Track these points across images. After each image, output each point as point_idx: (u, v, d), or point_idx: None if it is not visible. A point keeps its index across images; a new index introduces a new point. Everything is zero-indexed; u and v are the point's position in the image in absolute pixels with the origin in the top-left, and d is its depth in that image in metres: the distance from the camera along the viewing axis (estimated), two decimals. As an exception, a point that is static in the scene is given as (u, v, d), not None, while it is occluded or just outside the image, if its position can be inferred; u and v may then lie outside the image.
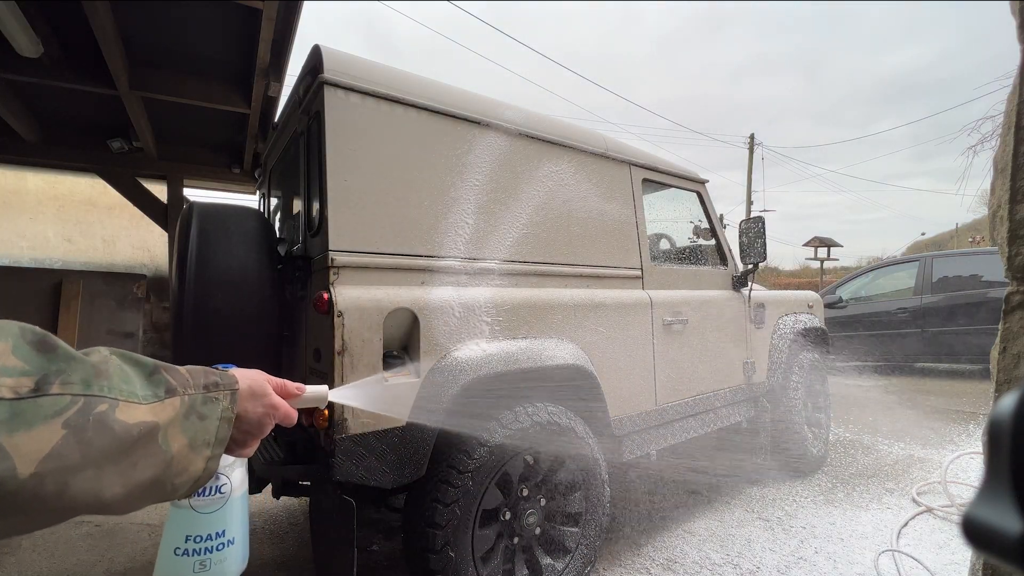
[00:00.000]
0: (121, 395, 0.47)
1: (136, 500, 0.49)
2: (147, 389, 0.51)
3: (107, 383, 0.46)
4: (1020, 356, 0.95)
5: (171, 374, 0.54)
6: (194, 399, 0.55)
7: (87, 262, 4.62)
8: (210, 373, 0.60)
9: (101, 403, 0.45)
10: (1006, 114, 0.97)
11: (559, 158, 2.14)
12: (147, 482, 0.48)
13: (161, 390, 0.52)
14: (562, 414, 1.87)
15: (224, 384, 0.60)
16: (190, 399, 0.54)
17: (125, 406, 0.47)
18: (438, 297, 1.67)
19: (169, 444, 0.51)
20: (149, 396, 0.50)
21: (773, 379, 3.09)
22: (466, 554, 1.62)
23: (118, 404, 0.46)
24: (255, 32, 2.56)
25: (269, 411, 0.67)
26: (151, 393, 0.51)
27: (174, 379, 0.54)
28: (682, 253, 2.82)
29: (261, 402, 0.66)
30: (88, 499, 0.44)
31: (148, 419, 0.48)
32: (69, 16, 2.53)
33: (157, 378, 0.52)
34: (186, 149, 4.52)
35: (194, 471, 0.54)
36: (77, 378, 0.44)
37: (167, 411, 0.51)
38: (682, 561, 2.27)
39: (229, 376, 0.61)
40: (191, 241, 1.67)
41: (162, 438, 0.50)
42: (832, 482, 3.21)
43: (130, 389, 0.48)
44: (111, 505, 0.46)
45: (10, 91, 3.21)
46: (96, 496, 0.44)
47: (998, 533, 0.24)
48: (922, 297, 6.77)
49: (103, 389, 0.45)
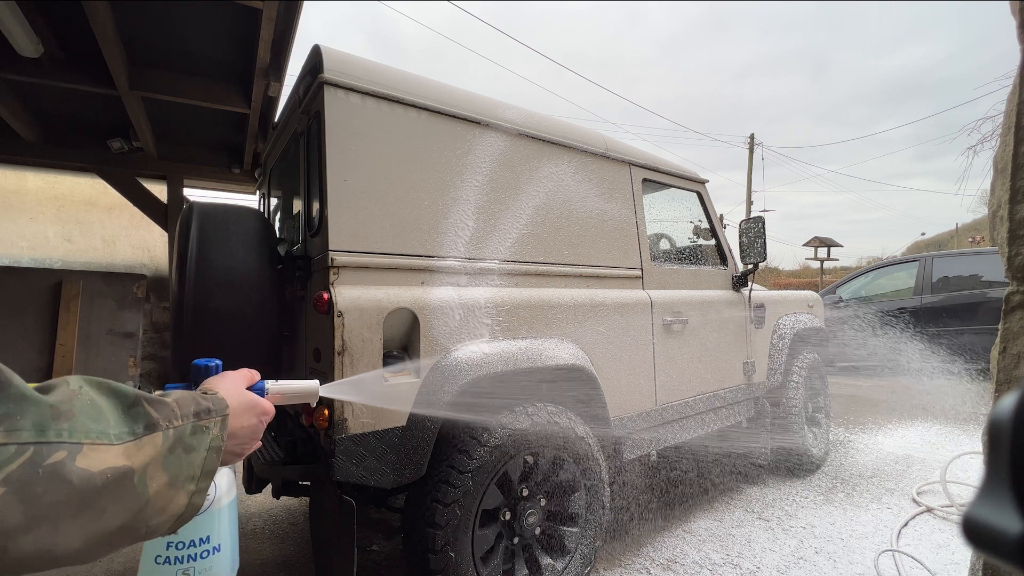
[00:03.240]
0: (86, 437, 0.42)
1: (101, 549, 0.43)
2: (122, 426, 0.45)
3: (68, 425, 0.41)
4: (1020, 356, 0.95)
5: (154, 407, 0.49)
6: (180, 431, 0.51)
7: (87, 262, 4.62)
8: (200, 399, 0.56)
9: (57, 451, 0.39)
10: (1006, 114, 0.97)
11: (559, 158, 2.14)
12: (114, 530, 0.43)
13: (140, 426, 0.47)
14: (562, 414, 1.87)
15: (216, 410, 0.56)
16: (175, 432, 0.50)
17: (91, 449, 0.41)
18: (438, 297, 1.67)
19: (146, 486, 0.46)
20: (124, 434, 0.45)
21: (773, 379, 3.09)
22: (466, 554, 1.62)
23: (80, 448, 0.41)
24: (255, 32, 2.56)
25: (260, 419, 0.65)
26: (126, 431, 0.45)
27: (157, 412, 0.49)
28: (682, 253, 2.82)
29: (252, 412, 0.63)
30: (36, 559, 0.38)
31: (119, 463, 0.43)
32: (69, 16, 2.53)
33: (136, 411, 0.48)
34: (186, 149, 4.52)
35: (174, 509, 0.49)
36: (28, 423, 0.38)
37: (144, 451, 0.46)
38: (682, 561, 2.27)
39: (219, 400, 0.58)
40: (191, 241, 1.67)
41: (138, 480, 0.45)
42: (832, 482, 3.21)
43: (99, 428, 0.43)
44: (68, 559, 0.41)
45: (10, 91, 3.21)
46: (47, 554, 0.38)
47: (998, 533, 0.24)
48: (922, 297, 6.77)
49: (61, 434, 0.40)
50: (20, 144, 3.87)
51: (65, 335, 4.02)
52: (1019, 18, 0.94)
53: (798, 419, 3.14)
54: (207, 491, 0.53)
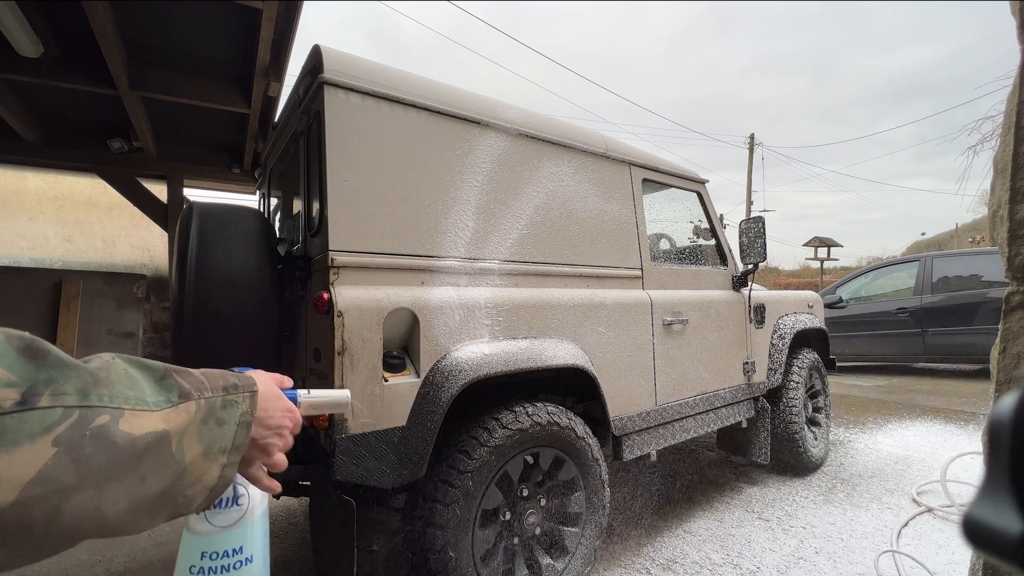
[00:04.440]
0: (126, 403, 0.43)
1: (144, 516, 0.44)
2: (158, 394, 0.47)
3: (107, 391, 0.42)
4: (1020, 356, 0.95)
5: (184, 377, 0.51)
6: (212, 402, 0.51)
7: (87, 262, 4.62)
8: (227, 375, 0.56)
9: (101, 414, 0.40)
10: (1006, 114, 0.97)
11: (559, 158, 2.14)
12: (155, 496, 0.44)
13: (174, 394, 0.48)
14: (562, 414, 1.87)
15: (243, 386, 0.56)
16: (207, 403, 0.51)
17: (131, 415, 0.43)
18: (438, 297, 1.67)
19: (183, 453, 0.47)
20: (161, 402, 0.46)
21: (773, 379, 3.09)
22: (466, 554, 1.62)
23: (122, 413, 0.42)
24: (255, 32, 2.56)
25: (287, 414, 0.63)
26: (163, 399, 0.47)
27: (187, 383, 0.50)
28: (682, 253, 2.82)
29: (279, 404, 0.62)
30: (88, 524, 0.39)
31: (159, 427, 0.45)
32: (69, 16, 2.53)
33: (168, 382, 0.49)
34: (186, 149, 4.52)
35: (208, 480, 0.50)
36: (72, 387, 0.39)
37: (181, 417, 0.47)
38: (682, 561, 2.27)
39: (247, 378, 0.58)
40: (191, 241, 1.67)
41: (176, 447, 0.46)
42: (832, 482, 3.21)
43: (137, 396, 0.44)
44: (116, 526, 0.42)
45: (10, 91, 3.21)
46: (98, 519, 0.40)
47: (998, 533, 0.24)
48: (922, 297, 6.77)
49: (103, 398, 0.41)
50: (20, 144, 3.87)
51: (65, 335, 4.02)
52: (1019, 18, 0.94)
53: (798, 419, 3.14)
54: (237, 465, 0.54)
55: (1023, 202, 0.93)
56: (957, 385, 6.38)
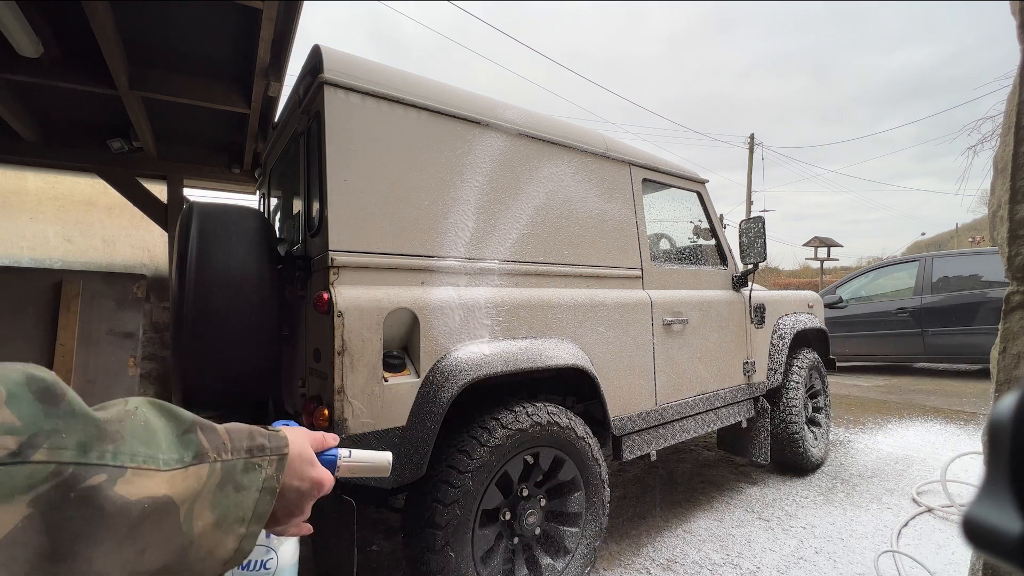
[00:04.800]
0: (131, 461, 0.38)
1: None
2: (173, 451, 0.42)
3: (112, 447, 0.38)
4: (1020, 356, 0.95)
5: (206, 434, 0.46)
6: (231, 466, 0.46)
7: (87, 262, 4.62)
8: (256, 434, 0.51)
9: (97, 473, 0.36)
10: (1006, 114, 0.97)
11: (559, 158, 2.14)
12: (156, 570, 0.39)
13: (189, 453, 0.43)
14: (562, 414, 1.87)
15: (272, 448, 0.51)
16: (224, 466, 0.45)
17: (134, 475, 0.38)
18: (438, 297, 1.67)
19: (192, 523, 0.42)
20: (172, 461, 0.41)
21: (773, 379, 3.09)
22: (466, 554, 1.62)
23: (124, 473, 0.38)
24: (255, 32, 2.56)
25: (314, 486, 0.57)
26: (176, 457, 0.42)
27: (208, 441, 0.45)
28: (682, 253, 2.82)
29: (308, 473, 0.56)
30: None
31: (160, 492, 0.39)
32: (69, 16, 2.53)
33: (189, 438, 0.44)
34: (186, 149, 4.52)
35: (222, 554, 0.45)
36: (72, 441, 0.36)
37: (190, 481, 0.42)
38: (682, 561, 2.27)
39: (278, 437, 0.52)
40: (191, 241, 1.67)
41: (184, 516, 0.41)
42: (832, 482, 3.21)
43: (148, 452, 0.40)
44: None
45: (10, 91, 3.21)
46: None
47: (998, 533, 0.24)
48: (922, 297, 6.77)
49: (104, 455, 0.37)
50: (20, 144, 3.87)
51: (65, 335, 4.02)
52: (1019, 18, 0.94)
53: (798, 419, 3.14)
54: (257, 537, 0.49)
55: (1023, 202, 0.93)
56: (957, 385, 6.38)
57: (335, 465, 0.65)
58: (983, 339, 6.11)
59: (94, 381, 4.13)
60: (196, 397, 1.73)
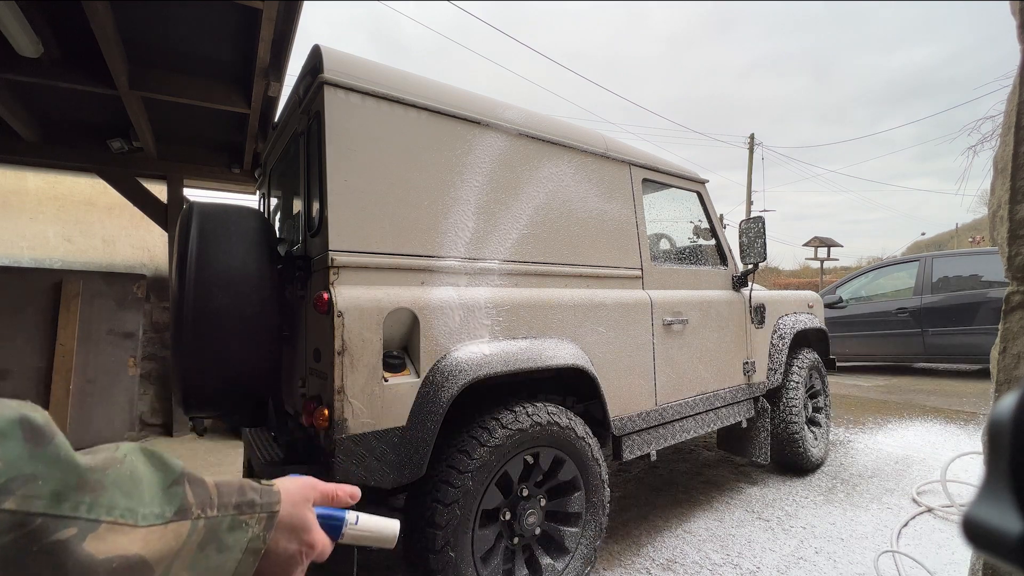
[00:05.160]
0: (108, 515, 0.36)
1: None
2: (155, 505, 0.39)
3: (90, 498, 0.35)
4: (1020, 356, 0.95)
5: (194, 487, 0.43)
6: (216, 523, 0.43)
7: (87, 262, 4.62)
8: (247, 488, 0.47)
9: (68, 526, 0.34)
10: (1006, 114, 0.97)
11: (559, 158, 2.14)
12: None
13: (172, 508, 0.40)
14: (562, 414, 1.87)
15: (261, 504, 0.47)
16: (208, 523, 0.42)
17: (108, 530, 0.36)
18: (438, 297, 1.67)
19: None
20: (151, 516, 0.38)
21: (773, 379, 3.09)
22: (466, 554, 1.62)
23: (97, 527, 0.35)
24: (255, 32, 2.56)
25: (304, 550, 0.51)
26: (156, 512, 0.39)
27: (194, 494, 0.42)
28: (682, 253, 2.82)
29: (298, 537, 0.51)
30: None
31: (132, 551, 0.36)
32: (69, 16, 2.54)
33: (175, 491, 0.41)
34: (186, 149, 4.52)
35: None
36: (47, 489, 0.33)
37: (168, 539, 0.39)
38: (682, 561, 2.27)
39: (271, 492, 0.49)
40: (191, 241, 1.67)
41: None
42: (832, 482, 3.21)
43: (128, 505, 0.37)
44: None
45: (10, 91, 3.21)
46: None
47: (998, 533, 0.24)
48: (922, 297, 6.77)
49: (78, 507, 0.34)
50: (20, 144, 3.87)
51: (65, 335, 4.02)
52: (1019, 18, 0.94)
53: (798, 419, 3.14)
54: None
55: (1023, 202, 0.93)
56: (957, 385, 6.38)
57: (340, 531, 0.58)
58: (983, 339, 6.11)
59: (94, 381, 4.13)
60: (196, 397, 1.73)
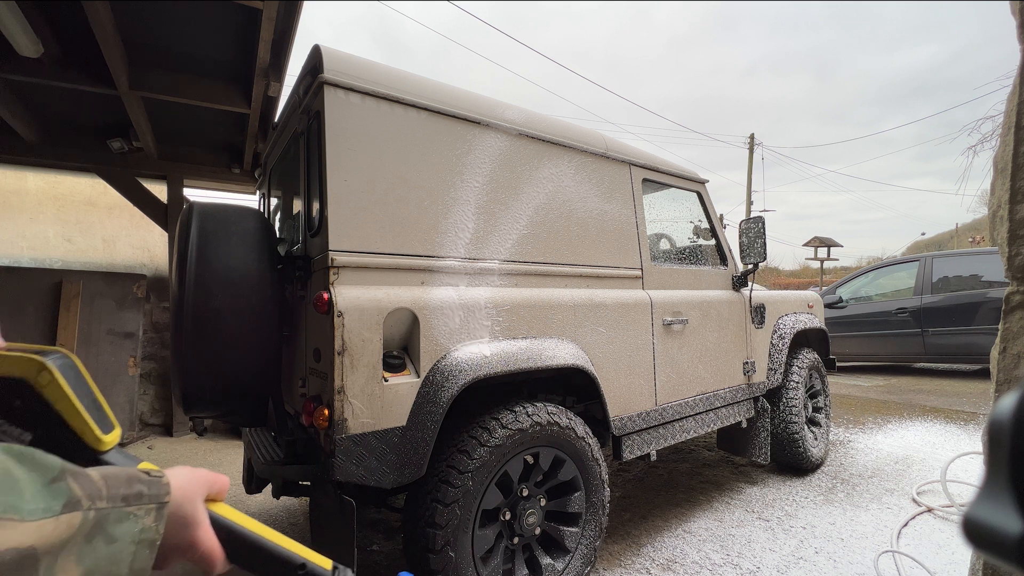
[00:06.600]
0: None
1: None
2: (39, 501, 0.38)
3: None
4: (1020, 356, 0.95)
5: (79, 481, 0.42)
6: (103, 515, 0.42)
7: (87, 262, 4.62)
8: (135, 479, 0.46)
9: None
10: (1006, 114, 0.97)
11: (559, 158, 2.14)
12: None
13: (59, 502, 0.39)
14: (562, 414, 1.87)
15: (149, 496, 0.46)
16: (97, 515, 0.41)
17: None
18: (438, 297, 1.67)
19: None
20: (38, 511, 0.38)
21: (773, 379, 3.09)
22: (466, 554, 1.62)
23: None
24: (255, 32, 2.56)
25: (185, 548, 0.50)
26: (42, 507, 0.38)
27: (81, 488, 0.41)
28: (682, 253, 2.82)
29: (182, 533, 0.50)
30: None
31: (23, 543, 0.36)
32: (69, 16, 2.54)
33: (58, 487, 0.40)
34: (186, 149, 4.52)
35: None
36: None
37: (59, 531, 0.38)
38: (682, 561, 2.27)
39: (159, 483, 0.48)
40: (191, 241, 1.67)
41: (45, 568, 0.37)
42: (832, 482, 3.21)
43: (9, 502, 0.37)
44: None
45: (10, 91, 3.22)
46: None
47: (998, 533, 0.24)
48: (922, 297, 6.77)
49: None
50: (20, 144, 3.87)
51: (65, 335, 4.02)
52: (1019, 18, 0.94)
53: (798, 419, 3.14)
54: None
55: (1023, 202, 0.93)
56: (957, 385, 6.38)
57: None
58: (983, 339, 6.11)
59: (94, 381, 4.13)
60: (196, 397, 1.73)
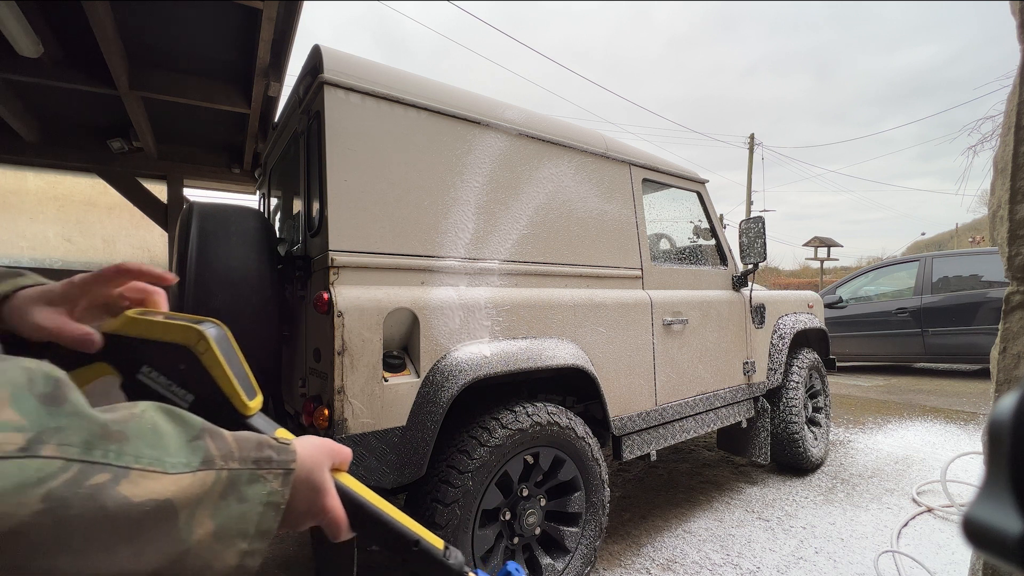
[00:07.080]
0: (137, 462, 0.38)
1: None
2: (180, 456, 0.41)
3: (117, 447, 0.38)
4: (1020, 356, 0.95)
5: (216, 440, 0.45)
6: (236, 475, 0.45)
7: (87, 262, 4.62)
8: (265, 444, 0.49)
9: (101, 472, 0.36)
10: (1006, 114, 0.97)
11: (559, 158, 2.14)
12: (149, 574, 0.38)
13: (197, 458, 0.42)
14: (562, 414, 1.87)
15: (278, 461, 0.48)
16: (230, 475, 0.44)
17: (139, 476, 0.38)
18: (438, 297, 1.67)
19: (191, 530, 0.41)
20: (180, 464, 0.41)
21: (773, 379, 3.09)
22: (466, 554, 1.62)
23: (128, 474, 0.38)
24: (255, 32, 2.56)
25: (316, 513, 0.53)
26: (183, 461, 0.41)
27: (217, 447, 0.44)
28: (682, 253, 2.82)
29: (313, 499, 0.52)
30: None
31: (165, 494, 0.39)
32: (69, 16, 2.53)
33: (198, 444, 0.43)
34: (186, 149, 4.52)
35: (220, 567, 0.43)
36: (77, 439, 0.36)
37: (195, 486, 0.41)
38: (682, 561, 2.27)
39: (288, 450, 0.50)
40: (191, 241, 1.67)
41: (184, 521, 0.40)
42: (832, 482, 3.21)
43: (154, 455, 0.40)
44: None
45: (10, 91, 3.21)
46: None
47: (998, 533, 0.24)
48: (922, 297, 6.77)
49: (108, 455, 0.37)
50: (20, 144, 3.87)
51: (65, 335, 4.01)
52: (1019, 18, 0.94)
53: (798, 419, 3.14)
54: (261, 555, 0.45)
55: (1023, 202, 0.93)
56: (957, 385, 6.38)
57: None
58: (983, 339, 6.11)
59: (94, 381, 4.12)
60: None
